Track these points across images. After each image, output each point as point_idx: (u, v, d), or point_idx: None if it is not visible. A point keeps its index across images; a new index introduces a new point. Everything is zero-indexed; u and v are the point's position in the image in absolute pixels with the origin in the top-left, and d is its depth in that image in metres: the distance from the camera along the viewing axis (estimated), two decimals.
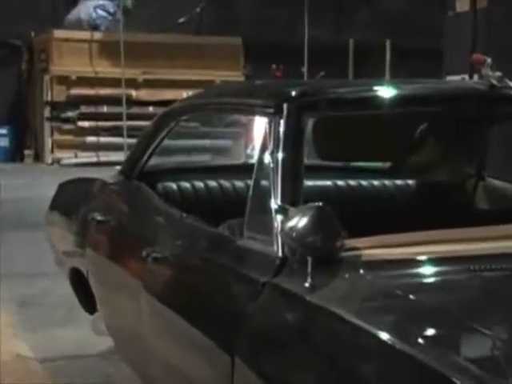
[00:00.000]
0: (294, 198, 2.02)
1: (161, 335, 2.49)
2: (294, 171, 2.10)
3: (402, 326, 1.63)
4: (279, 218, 1.98)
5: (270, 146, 2.16)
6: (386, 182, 3.26)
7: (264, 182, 2.16)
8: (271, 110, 2.22)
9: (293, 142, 2.13)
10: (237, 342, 1.94)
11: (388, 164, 3.41)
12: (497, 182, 3.12)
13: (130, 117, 11.83)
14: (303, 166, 2.12)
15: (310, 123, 2.25)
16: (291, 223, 1.85)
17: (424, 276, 1.87)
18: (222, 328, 2.06)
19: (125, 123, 11.70)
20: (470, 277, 1.84)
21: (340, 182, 3.22)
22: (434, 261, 1.87)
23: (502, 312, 1.67)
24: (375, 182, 3.25)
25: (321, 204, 1.85)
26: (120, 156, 10.21)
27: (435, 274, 1.86)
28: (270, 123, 2.20)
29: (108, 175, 3.38)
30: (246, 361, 1.90)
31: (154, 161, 3.14)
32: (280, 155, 2.11)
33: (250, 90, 2.65)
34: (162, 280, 2.49)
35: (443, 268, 1.86)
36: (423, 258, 1.88)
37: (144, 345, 2.61)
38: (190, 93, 10.62)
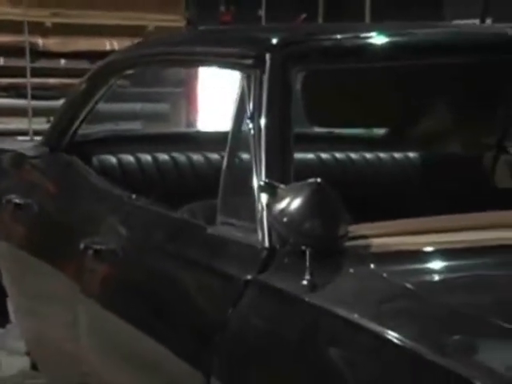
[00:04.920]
0: (283, 174, 2.03)
1: (106, 355, 2.50)
2: (281, 139, 2.11)
3: (431, 333, 1.66)
4: (265, 198, 1.98)
5: (249, 109, 2.16)
6: (382, 155, 3.30)
7: (242, 154, 2.17)
8: (250, 62, 2.23)
9: (279, 103, 2.14)
10: (213, 359, 1.95)
11: (381, 133, 3.46)
12: None
13: (36, 72, 11.63)
14: (292, 133, 2.14)
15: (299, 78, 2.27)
16: (281, 205, 1.86)
17: (450, 271, 1.91)
18: (193, 342, 2.07)
19: (29, 80, 11.50)
20: (500, 271, 1.89)
21: (325, 155, 3.25)
22: (461, 252, 1.91)
23: None
24: (368, 155, 3.28)
25: (319, 180, 1.87)
26: (23, 123, 10.05)
27: (463, 268, 1.91)
28: (248, 79, 2.20)
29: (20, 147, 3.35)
30: (225, 382, 1.91)
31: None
32: (263, 119, 2.11)
33: (220, 36, 2.66)
34: (107, 281, 2.49)
35: (468, 261, 1.91)
36: (444, 248, 1.92)
37: (82, 369, 2.60)
38: (115, 42, 10.52)
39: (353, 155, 3.28)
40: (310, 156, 3.23)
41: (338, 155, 3.27)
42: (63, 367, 2.84)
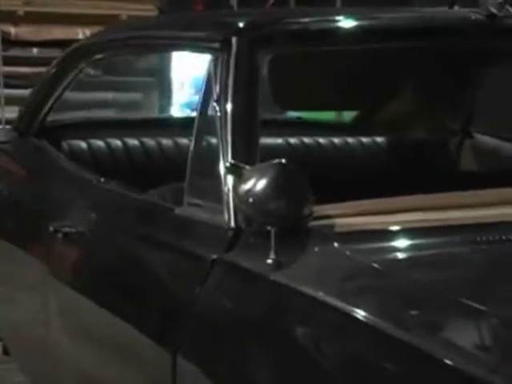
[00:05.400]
0: (248, 155, 2.05)
1: (77, 338, 2.50)
2: (247, 121, 2.12)
3: (393, 308, 1.68)
4: (231, 179, 2.00)
5: (216, 92, 2.17)
6: (350, 140, 3.32)
7: (209, 137, 2.18)
8: (216, 46, 2.24)
9: (245, 85, 2.15)
10: (180, 336, 1.97)
11: (349, 118, 3.48)
12: (487, 139, 3.22)
13: (8, 61, 11.56)
14: (259, 115, 2.15)
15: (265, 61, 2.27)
16: (247, 186, 1.87)
17: (414, 249, 1.93)
18: (161, 321, 2.09)
19: (1, 69, 11.44)
20: (465, 249, 1.91)
21: (293, 140, 3.27)
22: (423, 231, 1.93)
23: (502, 289, 1.73)
24: (336, 140, 3.31)
25: (284, 161, 1.88)
26: None
27: (427, 247, 1.92)
28: (215, 62, 2.22)
29: None
30: (191, 360, 1.93)
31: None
32: (230, 101, 2.13)
33: (187, 20, 2.67)
34: (76, 264, 2.50)
35: (433, 239, 1.92)
36: (409, 227, 1.94)
37: (53, 352, 2.61)
38: (88, 31, 10.45)
39: (321, 140, 3.30)
40: (279, 141, 3.25)
41: (307, 140, 3.29)
42: (34, 351, 2.85)
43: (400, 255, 1.93)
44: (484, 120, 3.21)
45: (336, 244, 1.88)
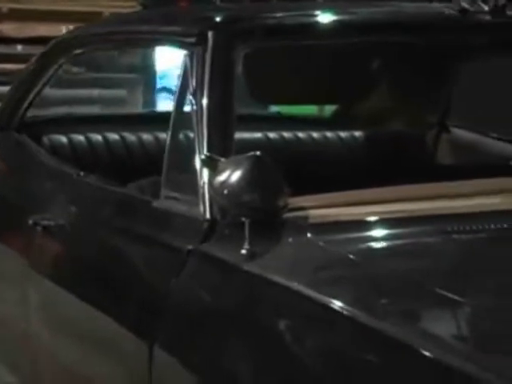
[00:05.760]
0: (224, 148, 2.06)
1: (56, 330, 2.51)
2: (223, 115, 2.14)
3: (365, 298, 1.70)
4: (206, 172, 2.02)
5: (192, 86, 2.19)
6: (328, 134, 3.34)
7: (186, 130, 2.20)
8: (193, 40, 2.25)
9: (221, 79, 2.17)
10: (156, 327, 1.99)
11: (329, 113, 3.50)
12: (463, 133, 3.25)
13: None
14: (235, 109, 2.17)
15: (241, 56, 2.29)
16: (221, 178, 1.89)
17: (384, 239, 1.95)
18: (138, 312, 2.11)
19: None
20: (440, 239, 1.93)
21: (272, 134, 3.28)
22: (395, 221, 1.95)
23: (476, 279, 1.76)
24: (315, 134, 3.33)
25: (258, 153, 1.90)
26: None
27: (397, 237, 1.95)
28: (191, 56, 2.23)
29: None
30: (167, 350, 1.95)
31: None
32: (205, 96, 2.14)
33: (166, 15, 2.68)
34: (56, 256, 2.51)
35: (406, 230, 1.95)
36: (383, 217, 1.96)
37: (33, 345, 2.62)
38: (72, 28, 10.43)
39: (300, 134, 3.32)
40: (258, 135, 3.26)
41: (286, 134, 3.31)
42: (13, 345, 2.85)
43: (373, 245, 1.95)
44: (459, 114, 3.24)
45: (309, 235, 1.91)
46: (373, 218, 1.96)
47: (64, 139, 3.13)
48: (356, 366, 1.58)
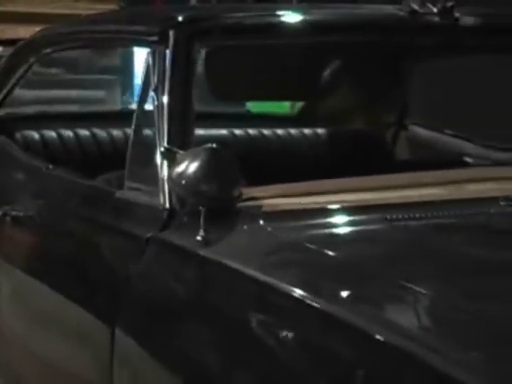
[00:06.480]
0: (183, 141, 2.13)
1: (26, 320, 2.58)
2: (182, 109, 2.22)
3: (313, 280, 1.76)
4: (166, 163, 2.09)
5: (154, 82, 2.27)
6: (293, 131, 3.43)
7: (147, 124, 2.27)
8: (155, 39, 2.33)
9: (181, 76, 2.24)
10: (118, 310, 2.06)
11: (294, 111, 3.59)
12: (421, 131, 3.34)
13: None
14: (193, 104, 2.25)
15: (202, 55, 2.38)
16: (180, 169, 1.95)
17: (334, 226, 2.01)
18: (102, 297, 2.18)
19: None
20: (386, 227, 1.99)
21: (238, 131, 3.37)
22: (344, 210, 2.03)
23: (419, 263, 1.82)
24: (279, 131, 3.41)
25: (215, 145, 1.97)
26: None
27: (346, 225, 2.02)
28: (153, 54, 2.31)
29: None
30: (128, 333, 2.03)
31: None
32: (166, 92, 2.22)
33: (131, 15, 2.75)
34: (25, 246, 2.58)
35: (355, 217, 2.01)
36: (332, 206, 2.03)
37: (4, 335, 2.68)
38: None
39: (265, 131, 3.40)
40: (224, 132, 3.34)
41: (252, 131, 3.39)
42: None
43: (321, 232, 2.00)
44: (415, 113, 3.34)
45: (262, 222, 1.97)
46: (320, 207, 2.03)
47: (36, 135, 3.19)
48: (300, 344, 1.65)
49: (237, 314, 1.83)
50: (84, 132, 3.24)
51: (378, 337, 1.50)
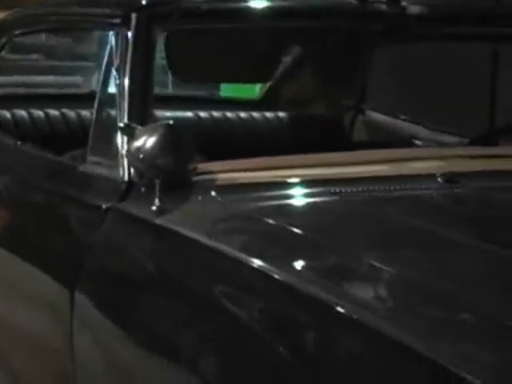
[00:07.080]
0: (142, 118, 2.24)
1: None
2: (142, 88, 2.33)
3: (256, 245, 1.88)
4: (125, 138, 2.19)
5: (116, 62, 2.38)
6: (255, 114, 3.54)
7: (109, 103, 2.38)
8: (118, 21, 2.43)
9: (141, 56, 2.35)
10: (78, 276, 2.17)
11: (257, 95, 3.70)
12: (377, 116, 3.46)
13: None
14: (153, 83, 2.36)
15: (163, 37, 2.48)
16: (138, 143, 2.06)
17: (283, 198, 2.11)
18: (63, 263, 2.30)
19: None
20: (332, 200, 2.10)
21: (203, 114, 3.47)
22: (293, 184, 2.14)
23: (363, 233, 1.92)
24: (242, 114, 3.52)
25: (171, 122, 2.08)
26: None
27: (294, 197, 2.13)
28: (116, 36, 2.41)
29: None
30: (86, 296, 2.15)
31: None
32: (127, 71, 2.32)
33: None
34: None
35: (303, 191, 2.13)
36: (280, 180, 2.14)
37: None
38: None
39: (229, 114, 3.51)
40: (189, 114, 3.45)
41: (215, 114, 3.49)
42: None
43: (270, 204, 2.10)
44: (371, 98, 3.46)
45: (214, 194, 2.09)
46: (271, 181, 2.14)
47: (8, 115, 3.29)
48: (244, 302, 1.76)
49: (187, 277, 1.94)
50: (54, 112, 3.34)
51: (328, 303, 1.58)
